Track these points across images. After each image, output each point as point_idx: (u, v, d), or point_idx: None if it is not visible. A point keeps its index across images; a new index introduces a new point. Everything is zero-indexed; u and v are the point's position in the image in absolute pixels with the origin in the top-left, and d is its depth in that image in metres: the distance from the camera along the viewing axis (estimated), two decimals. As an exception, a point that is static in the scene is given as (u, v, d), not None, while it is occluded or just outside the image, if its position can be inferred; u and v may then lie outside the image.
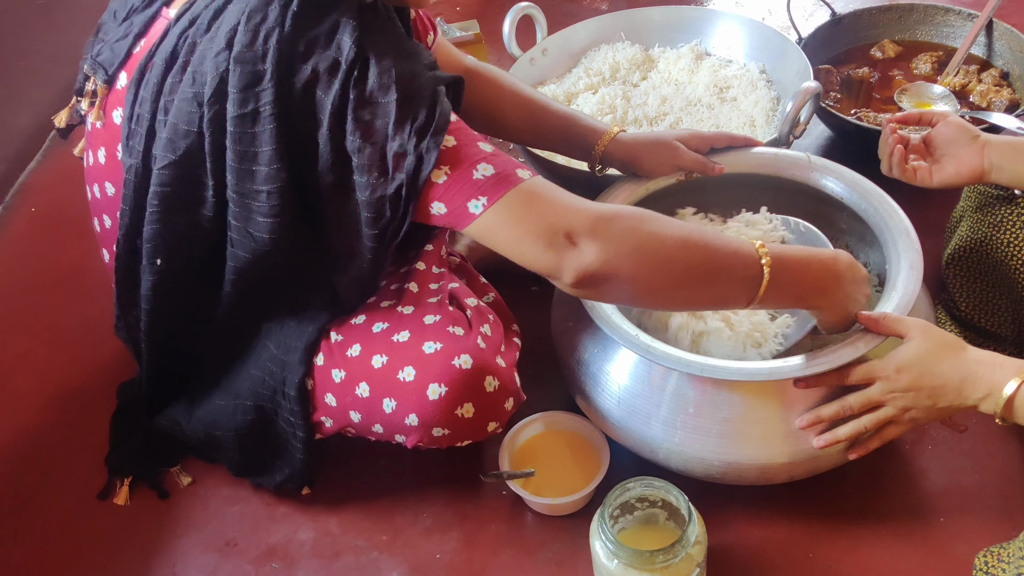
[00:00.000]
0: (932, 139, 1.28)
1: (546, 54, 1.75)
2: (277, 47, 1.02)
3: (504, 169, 1.03)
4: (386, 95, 1.01)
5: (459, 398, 1.13)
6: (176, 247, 1.15)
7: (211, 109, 1.06)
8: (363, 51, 1.02)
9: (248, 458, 1.27)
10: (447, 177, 1.03)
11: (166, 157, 1.10)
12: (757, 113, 1.63)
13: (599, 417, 1.22)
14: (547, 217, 1.01)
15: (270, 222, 1.08)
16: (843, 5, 1.88)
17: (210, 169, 1.09)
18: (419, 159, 1.01)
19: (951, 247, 1.35)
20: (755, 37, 1.76)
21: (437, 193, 1.03)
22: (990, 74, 1.70)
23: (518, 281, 1.52)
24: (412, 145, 1.01)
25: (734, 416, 1.12)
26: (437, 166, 1.02)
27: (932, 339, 1.07)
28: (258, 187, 1.07)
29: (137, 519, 1.30)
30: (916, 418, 1.09)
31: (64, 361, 1.51)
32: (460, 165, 1.02)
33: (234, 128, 1.05)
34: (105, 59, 1.19)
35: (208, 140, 1.08)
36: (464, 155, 1.03)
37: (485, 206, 1.02)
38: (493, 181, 1.02)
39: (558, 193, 1.04)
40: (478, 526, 1.26)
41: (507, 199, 1.02)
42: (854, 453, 1.13)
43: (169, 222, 1.14)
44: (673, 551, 1.03)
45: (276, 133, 1.04)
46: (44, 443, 1.40)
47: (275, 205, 1.07)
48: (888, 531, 1.20)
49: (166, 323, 1.22)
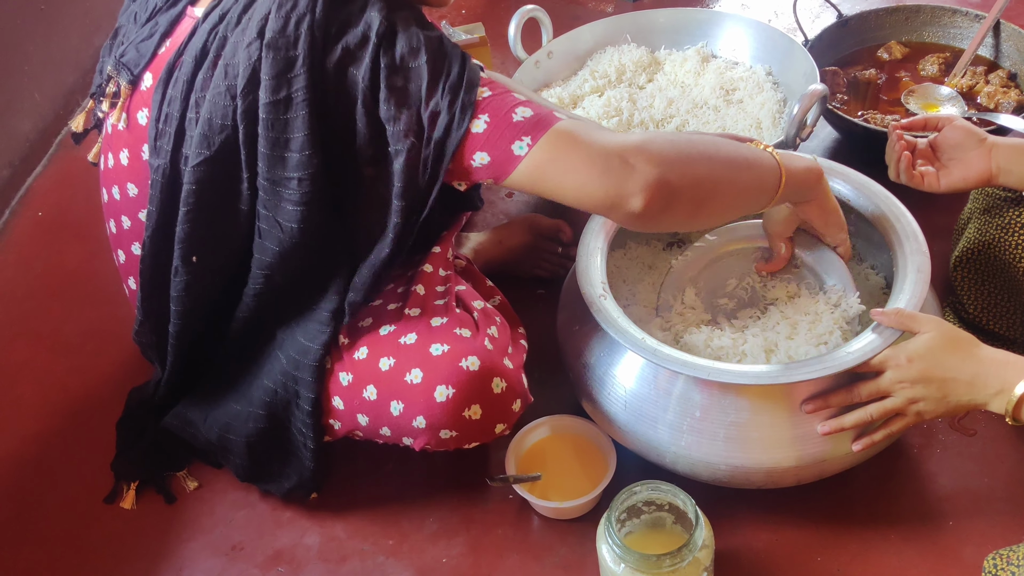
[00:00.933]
0: (939, 144, 1.27)
1: (552, 57, 1.75)
2: (309, 32, 1.04)
3: (542, 111, 1.05)
4: (416, 59, 1.04)
5: (467, 400, 1.13)
6: (212, 245, 1.16)
7: (244, 100, 1.08)
8: (392, 23, 1.05)
9: (256, 465, 1.27)
10: (487, 125, 1.04)
11: (200, 154, 1.11)
12: (764, 115, 1.63)
13: (605, 421, 1.21)
14: (596, 145, 1.02)
15: (299, 211, 1.09)
16: (850, 7, 1.87)
17: (245, 161, 1.10)
18: (455, 115, 1.03)
19: (959, 249, 1.35)
20: (761, 39, 1.75)
21: (479, 143, 1.04)
22: (997, 75, 1.69)
23: (524, 284, 1.53)
24: (447, 103, 1.03)
25: (741, 420, 1.12)
26: (476, 115, 1.03)
27: (945, 333, 1.07)
28: (289, 174, 1.08)
29: (143, 523, 1.30)
30: (923, 411, 1.08)
31: (68, 367, 1.51)
32: (499, 112, 1.04)
33: (266, 115, 1.06)
34: (130, 60, 1.19)
35: (242, 132, 1.09)
36: (501, 102, 1.04)
37: (530, 145, 1.02)
38: (534, 121, 1.03)
39: (597, 128, 1.08)
40: (484, 530, 1.25)
41: (551, 135, 1.02)
42: (858, 444, 1.12)
43: (204, 220, 1.14)
44: (680, 555, 1.02)
45: (309, 119, 1.05)
46: (49, 449, 1.40)
47: (306, 192, 1.08)
48: (897, 535, 1.19)
49: (196, 325, 1.22)
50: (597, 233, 1.26)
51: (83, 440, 1.40)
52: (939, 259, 1.34)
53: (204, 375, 1.30)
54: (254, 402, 1.22)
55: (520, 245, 1.52)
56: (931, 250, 1.19)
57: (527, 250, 1.53)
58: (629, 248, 1.40)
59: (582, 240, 1.26)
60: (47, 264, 1.70)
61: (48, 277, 1.67)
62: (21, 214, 1.80)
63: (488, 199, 1.73)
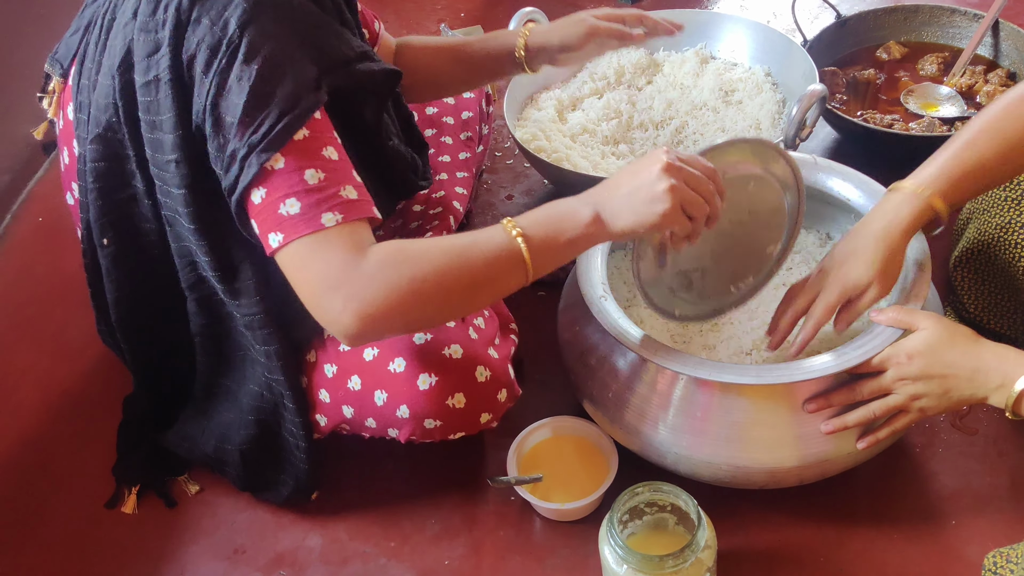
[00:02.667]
0: None
1: None
2: (175, 14, 1.03)
3: (309, 212, 0.99)
4: (240, 93, 1.00)
5: (450, 388, 1.13)
6: (119, 225, 1.17)
7: (121, 79, 1.09)
8: (242, 35, 1.00)
9: (252, 474, 1.27)
10: (261, 200, 1.01)
11: (92, 131, 1.13)
12: (763, 116, 1.63)
13: (606, 422, 1.21)
14: (320, 273, 1.00)
15: (183, 194, 1.08)
16: (848, 7, 1.87)
17: (128, 139, 1.11)
18: (241, 171, 1.01)
19: (959, 249, 1.35)
20: (760, 40, 1.76)
21: (253, 211, 1.02)
22: (996, 74, 1.69)
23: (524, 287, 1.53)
24: (241, 155, 1.00)
25: (742, 420, 1.12)
26: (256, 185, 1.01)
27: (945, 328, 1.07)
28: (167, 156, 1.08)
29: (145, 527, 1.30)
30: (926, 407, 1.08)
31: (70, 372, 1.51)
32: (274, 193, 1.00)
33: (142, 97, 1.07)
34: (61, 54, 1.21)
35: (122, 110, 1.10)
36: (282, 183, 1.00)
37: (280, 244, 1.01)
38: (293, 221, 1.00)
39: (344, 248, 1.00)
40: (486, 532, 1.25)
41: (298, 245, 1.00)
42: (863, 441, 1.11)
43: (108, 199, 1.15)
44: (683, 556, 1.02)
45: (174, 99, 1.04)
46: (50, 453, 1.40)
47: (184, 175, 1.07)
48: (900, 534, 1.19)
49: (134, 316, 1.23)
50: None
51: (84, 445, 1.40)
52: (940, 258, 1.34)
53: (186, 382, 1.29)
54: (244, 408, 1.23)
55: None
56: (931, 249, 1.19)
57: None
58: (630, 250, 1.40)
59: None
60: (48, 269, 1.70)
61: (49, 282, 1.67)
62: (22, 219, 1.81)
63: (488, 202, 1.73)
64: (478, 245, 1.02)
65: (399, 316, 1.00)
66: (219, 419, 1.26)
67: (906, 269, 1.17)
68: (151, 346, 1.28)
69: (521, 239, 1.01)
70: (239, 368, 1.23)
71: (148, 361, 1.29)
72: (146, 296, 1.23)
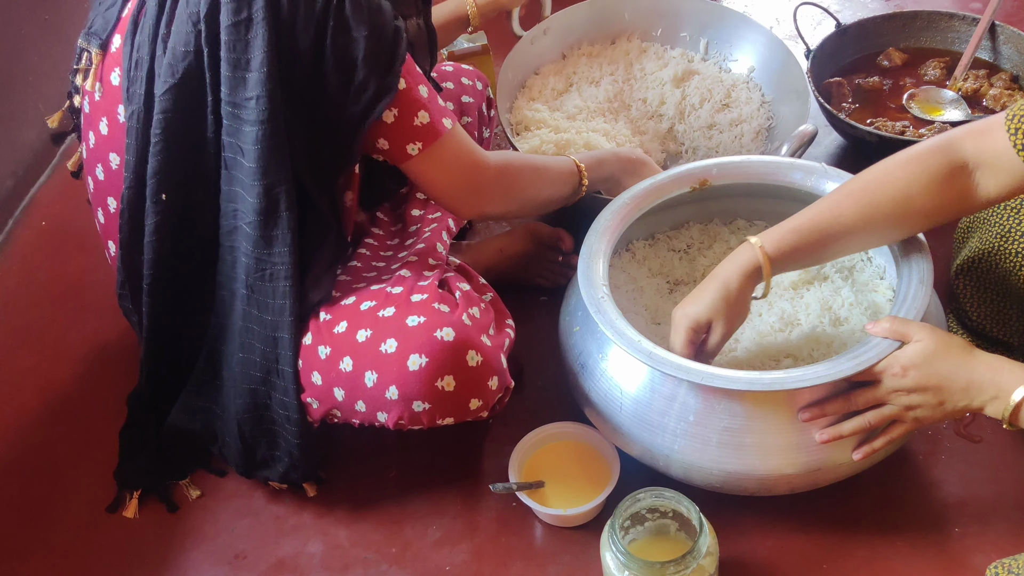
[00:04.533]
0: None
1: (547, 34, 1.74)
2: None
3: (435, 119, 1.19)
4: (359, 28, 1.10)
5: (440, 369, 1.13)
6: (181, 180, 1.19)
7: (207, 25, 1.11)
8: None
9: (248, 450, 1.27)
10: (394, 119, 1.16)
11: (167, 82, 1.15)
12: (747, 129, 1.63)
13: (605, 425, 1.21)
14: (462, 171, 1.23)
15: (256, 130, 1.12)
16: (849, 15, 1.88)
17: (209, 85, 1.14)
18: (376, 96, 1.13)
19: (961, 257, 1.35)
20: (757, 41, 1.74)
21: (384, 131, 1.17)
22: (1000, 78, 1.70)
23: (527, 292, 1.53)
24: (373, 82, 1.12)
25: (735, 426, 1.11)
26: (389, 107, 1.14)
27: (939, 340, 1.07)
28: (249, 94, 1.11)
29: (146, 532, 1.30)
30: (920, 418, 1.08)
31: (72, 376, 1.51)
32: (406, 110, 1.16)
33: (228, 37, 1.11)
34: (98, 28, 1.23)
35: (207, 56, 1.13)
36: (411, 99, 1.16)
37: (420, 150, 1.18)
38: (427, 128, 1.18)
39: (470, 146, 1.24)
40: (488, 538, 1.25)
41: (435, 148, 1.19)
42: (859, 452, 1.11)
43: (174, 152, 1.17)
44: (684, 562, 1.02)
45: (267, 38, 1.09)
46: (52, 457, 1.40)
47: (263, 110, 1.11)
48: (904, 542, 1.19)
49: (169, 278, 1.24)
50: (600, 235, 1.26)
51: (86, 449, 1.40)
52: (942, 265, 1.33)
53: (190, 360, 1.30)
54: (239, 377, 1.23)
55: (520, 254, 1.52)
56: (935, 256, 1.19)
57: (528, 259, 1.53)
58: (635, 251, 1.41)
59: (585, 242, 1.26)
60: (51, 273, 1.70)
61: (52, 286, 1.67)
62: (25, 224, 1.81)
63: (490, 207, 1.73)
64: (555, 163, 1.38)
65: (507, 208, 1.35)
66: (222, 390, 1.27)
67: (908, 280, 1.17)
68: (173, 311, 1.27)
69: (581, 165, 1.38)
70: (238, 338, 1.23)
71: (164, 328, 1.29)
72: (185, 252, 1.23)
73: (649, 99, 1.67)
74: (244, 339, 1.22)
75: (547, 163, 1.37)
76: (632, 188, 1.34)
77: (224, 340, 1.26)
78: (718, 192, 1.35)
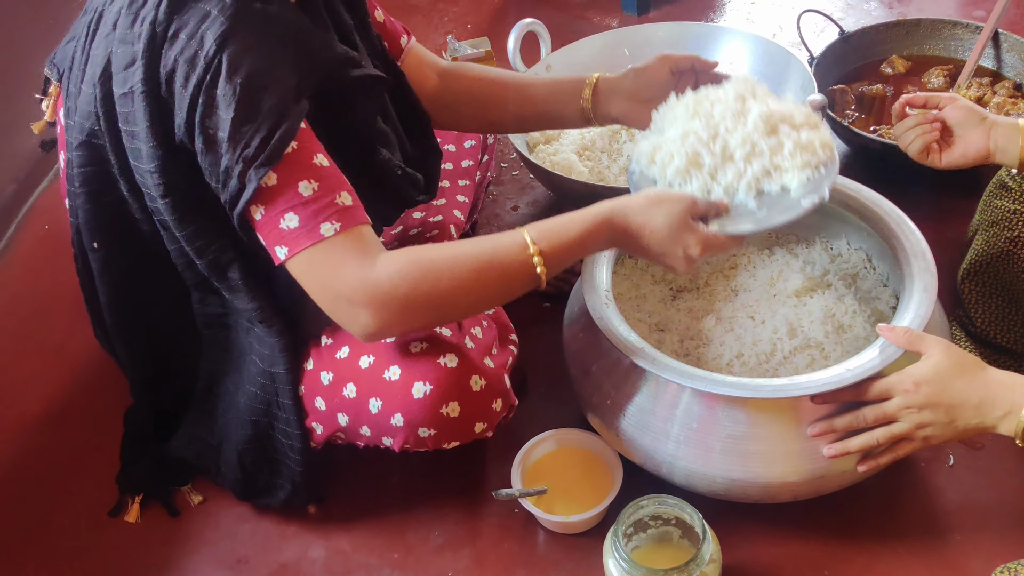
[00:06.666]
0: (944, 122, 1.28)
1: (550, 70, 1.75)
2: (151, 27, 1.04)
3: (308, 224, 1.03)
4: (227, 109, 1.01)
5: (444, 396, 1.13)
6: (108, 227, 1.18)
7: (101, 89, 1.09)
8: (221, 51, 1.00)
9: (248, 477, 1.27)
10: (261, 216, 1.04)
11: (77, 138, 1.14)
12: None
13: (608, 432, 1.21)
14: (331, 282, 1.05)
15: (166, 202, 1.09)
16: (853, 22, 1.88)
17: (110, 147, 1.12)
18: (240, 187, 1.03)
19: (966, 262, 1.35)
20: (761, 54, 1.75)
21: (256, 225, 1.05)
22: (1003, 85, 1.70)
23: (529, 299, 1.52)
24: (237, 171, 1.02)
25: (737, 433, 1.11)
26: (254, 202, 1.03)
27: (952, 356, 1.06)
28: (146, 166, 1.09)
29: (148, 537, 1.30)
30: (930, 436, 1.08)
31: (73, 381, 1.51)
32: (272, 209, 1.03)
33: (120, 108, 1.09)
34: (59, 59, 1.22)
35: (103, 119, 1.11)
36: (279, 198, 1.03)
37: (287, 256, 1.05)
38: (295, 235, 1.03)
39: (350, 255, 1.04)
40: (490, 544, 1.25)
41: (303, 256, 1.04)
42: (864, 465, 1.11)
43: (96, 202, 1.16)
44: (687, 569, 1.02)
45: (147, 111, 1.05)
46: (54, 462, 1.40)
47: (160, 184, 1.08)
48: (905, 549, 1.19)
49: (130, 318, 1.24)
50: None
51: (88, 454, 1.40)
52: (947, 272, 1.33)
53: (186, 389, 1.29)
54: (241, 408, 1.23)
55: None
56: (939, 263, 1.19)
57: None
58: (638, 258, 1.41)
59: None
60: (53, 279, 1.70)
61: (54, 291, 1.67)
62: (27, 229, 1.81)
63: (493, 212, 1.73)
64: (497, 264, 1.08)
65: (414, 322, 1.08)
66: (221, 419, 1.26)
67: (911, 289, 1.17)
68: (148, 348, 1.27)
69: (537, 256, 1.08)
70: (238, 368, 1.23)
71: (145, 364, 1.29)
72: (142, 297, 1.23)
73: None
74: (245, 371, 1.22)
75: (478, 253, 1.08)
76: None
77: (224, 372, 1.26)
78: None
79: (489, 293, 1.09)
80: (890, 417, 1.08)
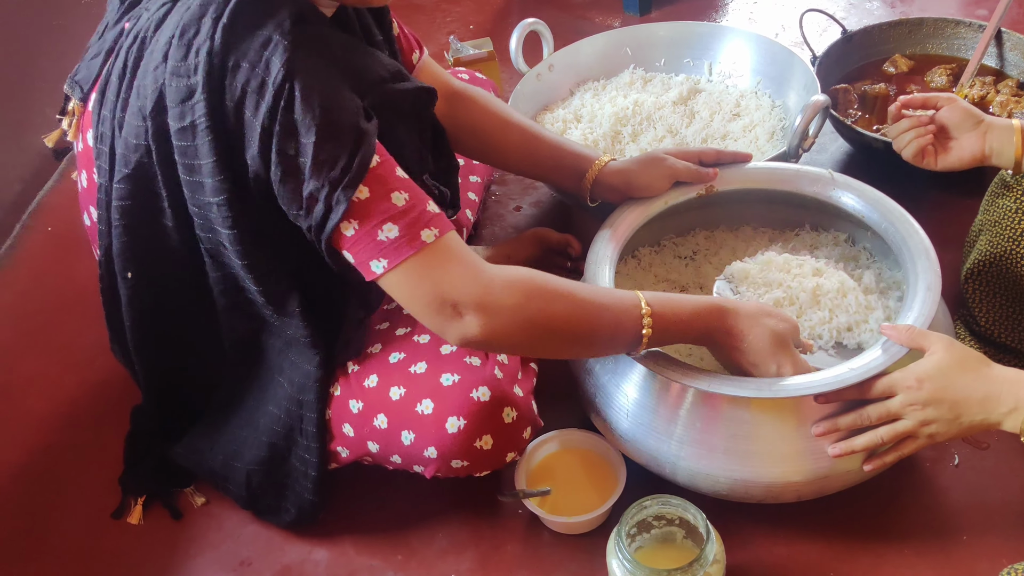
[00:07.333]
0: (936, 123, 1.28)
1: (552, 70, 1.75)
2: (208, 59, 1.01)
3: (408, 232, 1.02)
4: (308, 133, 0.99)
5: (478, 430, 1.13)
6: (144, 260, 1.16)
7: (154, 122, 1.07)
8: (291, 75, 0.99)
9: (253, 495, 1.26)
10: (355, 232, 1.02)
11: (121, 171, 1.12)
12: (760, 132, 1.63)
13: (611, 432, 1.21)
14: (439, 286, 1.03)
15: (231, 234, 1.08)
16: (855, 21, 1.88)
17: (162, 181, 1.10)
18: (328, 209, 1.01)
19: (970, 262, 1.35)
20: (763, 53, 1.75)
21: (346, 243, 1.03)
22: (1006, 84, 1.69)
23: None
24: (324, 194, 1.00)
25: (741, 433, 1.11)
26: (346, 219, 1.02)
27: (956, 353, 1.06)
28: (208, 199, 1.07)
29: (151, 539, 1.30)
30: (935, 433, 1.07)
31: (78, 381, 1.51)
32: (368, 222, 1.02)
33: (178, 141, 1.05)
34: (82, 78, 1.20)
35: (155, 152, 1.08)
36: (373, 211, 1.02)
37: (386, 268, 1.03)
38: (395, 245, 1.02)
39: (456, 259, 1.04)
40: (494, 546, 1.25)
41: (406, 265, 1.03)
42: (869, 464, 1.11)
43: (133, 235, 1.14)
44: (691, 570, 1.02)
45: (214, 145, 1.03)
46: (57, 462, 1.40)
47: (227, 217, 1.07)
48: (910, 549, 1.18)
49: (153, 341, 1.23)
50: (607, 241, 1.26)
51: (92, 454, 1.40)
52: (950, 271, 1.33)
53: (200, 400, 1.29)
54: (260, 429, 1.22)
55: (528, 260, 1.51)
56: (942, 262, 1.19)
57: (536, 265, 1.52)
58: (641, 257, 1.40)
59: (591, 248, 1.26)
60: (58, 279, 1.70)
61: (59, 292, 1.68)
62: (33, 229, 1.82)
63: (496, 213, 1.73)
64: (609, 311, 1.08)
65: (518, 341, 1.07)
66: (232, 435, 1.25)
67: (915, 288, 1.16)
68: (167, 366, 1.27)
69: (648, 318, 1.08)
70: (264, 388, 1.23)
71: (162, 379, 1.29)
72: (168, 322, 1.22)
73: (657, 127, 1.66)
74: (271, 392, 1.21)
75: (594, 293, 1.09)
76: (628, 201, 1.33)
77: (247, 390, 1.25)
78: (724, 198, 1.35)
79: (594, 335, 1.08)
80: (894, 415, 1.08)
